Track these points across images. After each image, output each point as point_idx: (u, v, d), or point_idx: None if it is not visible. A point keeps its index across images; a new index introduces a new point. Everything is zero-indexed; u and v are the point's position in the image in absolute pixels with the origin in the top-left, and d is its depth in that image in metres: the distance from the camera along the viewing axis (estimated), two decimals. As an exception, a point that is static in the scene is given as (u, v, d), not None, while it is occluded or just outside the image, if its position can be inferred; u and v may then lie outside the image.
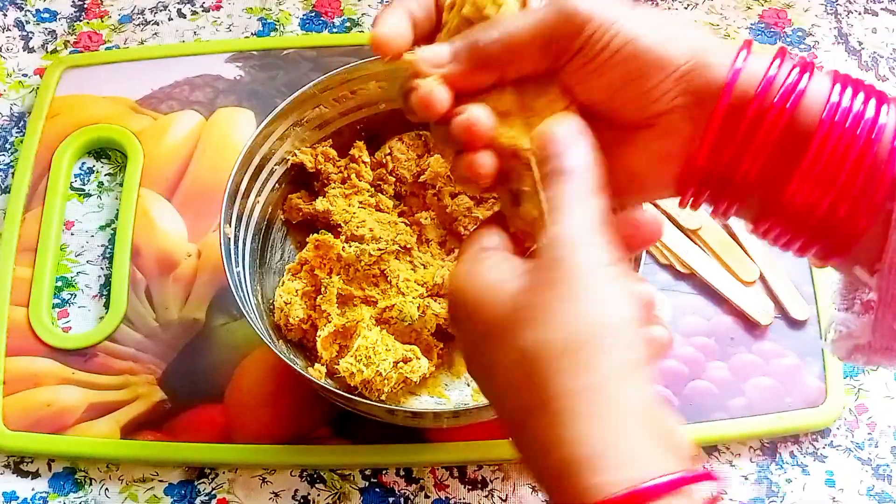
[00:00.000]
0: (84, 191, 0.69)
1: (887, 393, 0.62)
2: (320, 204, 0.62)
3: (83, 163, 0.70)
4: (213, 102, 0.71)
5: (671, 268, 0.64)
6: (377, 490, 0.58)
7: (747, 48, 0.37)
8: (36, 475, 0.59)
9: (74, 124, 0.70)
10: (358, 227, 0.60)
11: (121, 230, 0.66)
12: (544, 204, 0.36)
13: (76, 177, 0.69)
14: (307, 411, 0.59)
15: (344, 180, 0.63)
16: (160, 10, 0.77)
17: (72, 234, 0.67)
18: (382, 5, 0.77)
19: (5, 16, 0.77)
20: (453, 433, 0.58)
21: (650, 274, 0.64)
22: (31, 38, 0.76)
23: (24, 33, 0.76)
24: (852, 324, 0.39)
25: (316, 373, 0.57)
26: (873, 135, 0.35)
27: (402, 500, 0.58)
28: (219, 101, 0.71)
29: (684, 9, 0.77)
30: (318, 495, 0.58)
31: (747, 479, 0.59)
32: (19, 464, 0.59)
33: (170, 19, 0.76)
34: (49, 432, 0.59)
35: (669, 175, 0.39)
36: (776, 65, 0.36)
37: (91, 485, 0.59)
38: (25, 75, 0.74)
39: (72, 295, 0.65)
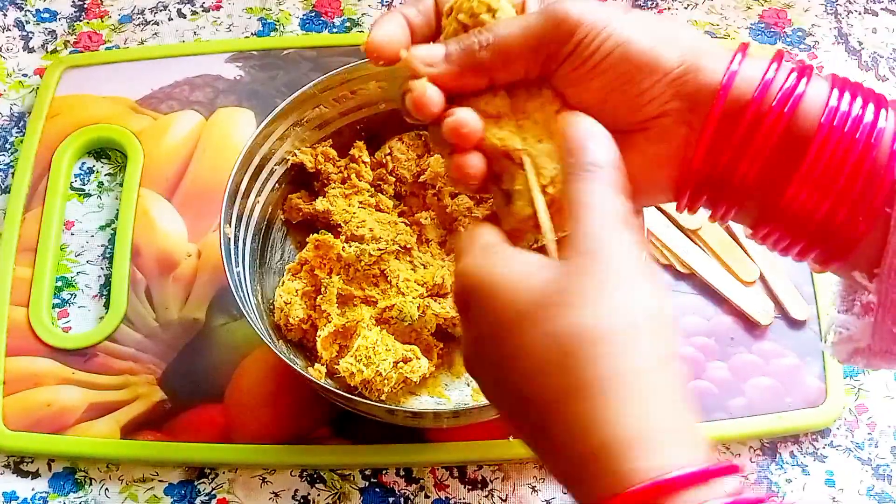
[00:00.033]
0: (84, 191, 0.69)
1: (887, 393, 0.62)
2: (320, 204, 0.62)
3: (83, 163, 0.70)
4: (213, 102, 0.71)
5: (671, 268, 0.64)
6: (377, 490, 0.58)
7: (743, 51, 0.37)
8: (36, 475, 0.59)
9: (74, 124, 0.70)
10: (358, 227, 0.60)
11: (121, 230, 0.66)
12: (538, 203, 0.37)
13: (76, 177, 0.69)
14: (307, 411, 0.59)
15: (344, 180, 0.63)
16: (160, 10, 0.77)
17: (72, 234, 0.67)
18: (383, 8, 0.77)
19: (5, 16, 0.77)
20: (453, 433, 0.58)
21: (650, 274, 0.64)
22: (31, 38, 0.76)
23: (24, 33, 0.76)
24: (852, 326, 0.39)
25: (316, 373, 0.57)
26: (872, 139, 0.35)
27: (402, 500, 0.58)
28: (219, 101, 0.71)
29: (684, 9, 0.77)
30: (318, 495, 0.58)
31: (747, 479, 0.59)
32: (19, 464, 0.59)
33: (170, 19, 0.76)
34: (49, 432, 0.59)
35: (666, 179, 0.39)
36: (773, 68, 0.36)
37: (91, 485, 0.59)
38: (25, 75, 0.74)
39: (72, 295, 0.65)
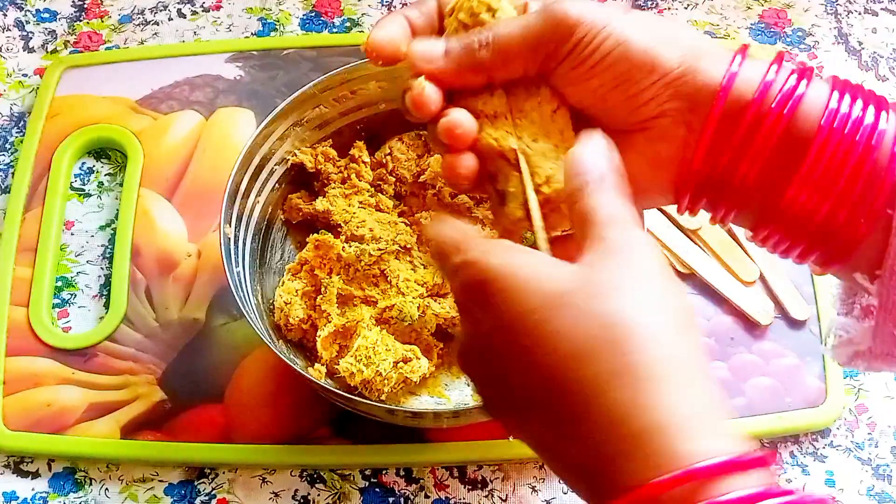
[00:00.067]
0: (84, 191, 0.69)
1: (887, 393, 0.62)
2: (320, 204, 0.62)
3: (83, 163, 0.70)
4: (213, 102, 0.71)
5: (671, 268, 0.64)
6: (377, 490, 0.58)
7: (742, 53, 0.37)
8: (36, 475, 0.59)
9: (74, 124, 0.70)
10: (358, 227, 0.60)
11: (121, 230, 0.66)
12: (531, 202, 0.37)
13: (76, 177, 0.69)
14: (307, 411, 0.59)
15: (344, 180, 0.63)
16: (160, 10, 0.77)
17: (72, 234, 0.67)
18: (383, 8, 0.77)
19: (5, 16, 0.77)
20: (453, 433, 0.58)
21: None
22: (31, 38, 0.76)
23: (24, 33, 0.76)
24: (852, 329, 0.39)
25: (316, 373, 0.57)
26: (873, 141, 0.35)
27: (402, 500, 0.58)
28: (219, 101, 0.71)
29: (684, 9, 0.77)
30: (318, 495, 0.58)
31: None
32: (19, 464, 0.59)
33: (170, 19, 0.76)
34: (49, 432, 0.59)
35: (666, 180, 0.39)
36: (773, 70, 0.36)
37: (91, 485, 0.59)
38: (25, 75, 0.74)
39: (72, 295, 0.65)
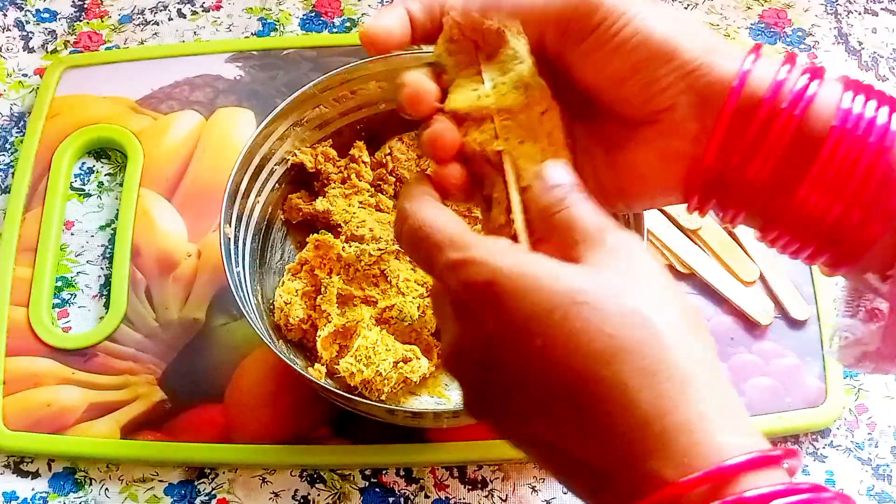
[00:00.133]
0: (84, 191, 0.69)
1: (887, 393, 0.62)
2: (320, 204, 0.62)
3: (83, 163, 0.70)
4: (213, 102, 0.71)
5: (671, 268, 0.64)
6: (377, 490, 0.58)
7: (756, 51, 0.37)
8: (36, 475, 0.59)
9: (74, 124, 0.70)
10: (358, 227, 0.60)
11: (121, 230, 0.66)
12: (515, 204, 0.37)
13: (76, 177, 0.69)
14: (307, 411, 0.59)
15: (344, 180, 0.63)
16: (160, 10, 0.77)
17: (72, 234, 0.67)
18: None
19: (5, 16, 0.77)
20: (453, 433, 0.58)
21: (650, 274, 0.64)
22: (31, 38, 0.76)
23: (24, 33, 0.76)
24: (858, 330, 0.39)
25: (316, 373, 0.57)
26: (886, 141, 0.34)
27: (402, 500, 0.58)
28: (219, 101, 0.71)
29: (684, 9, 0.77)
30: (318, 495, 0.58)
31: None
32: (19, 464, 0.59)
33: (170, 19, 0.76)
34: (49, 432, 0.59)
35: (676, 176, 0.38)
36: (786, 69, 0.36)
37: (91, 485, 0.59)
38: (25, 75, 0.74)
39: (72, 295, 0.65)
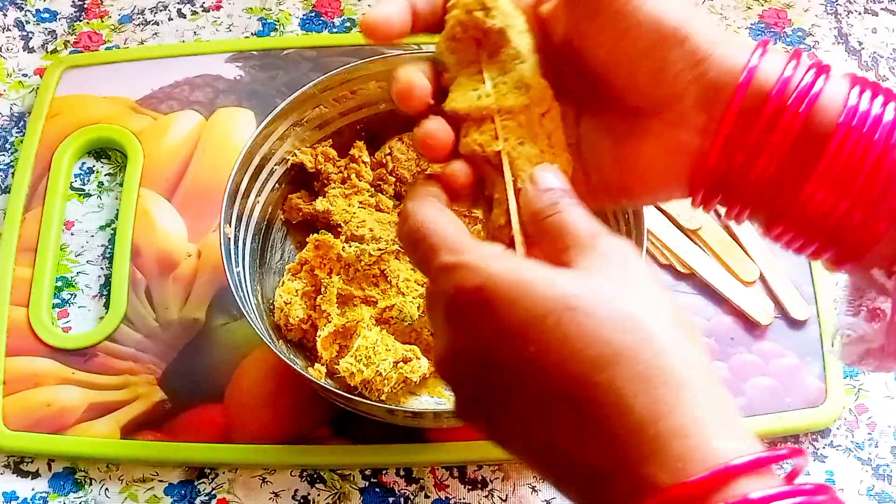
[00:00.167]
0: (84, 191, 0.69)
1: (887, 393, 0.62)
2: (320, 204, 0.62)
3: (83, 163, 0.70)
4: (213, 102, 0.71)
5: (671, 268, 0.64)
6: (377, 490, 0.58)
7: (763, 46, 0.37)
8: (36, 475, 0.59)
9: (74, 124, 0.70)
10: (358, 227, 0.60)
11: (121, 230, 0.66)
12: (512, 204, 0.37)
13: (76, 177, 0.69)
14: (307, 411, 0.59)
15: (344, 180, 0.63)
16: (160, 10, 0.77)
17: (72, 234, 0.67)
18: None
19: (5, 16, 0.77)
20: (453, 433, 0.58)
21: (650, 274, 0.64)
22: (31, 38, 0.76)
23: (24, 33, 0.76)
24: (860, 329, 0.38)
25: (316, 373, 0.57)
26: (893, 139, 0.34)
27: (402, 500, 0.58)
28: (219, 101, 0.71)
29: (684, 9, 0.77)
30: (318, 495, 0.58)
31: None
32: (19, 464, 0.59)
33: (170, 19, 0.76)
34: (49, 432, 0.59)
35: (681, 170, 0.38)
36: (792, 65, 0.36)
37: (91, 485, 0.59)
38: (25, 75, 0.74)
39: (72, 295, 0.65)
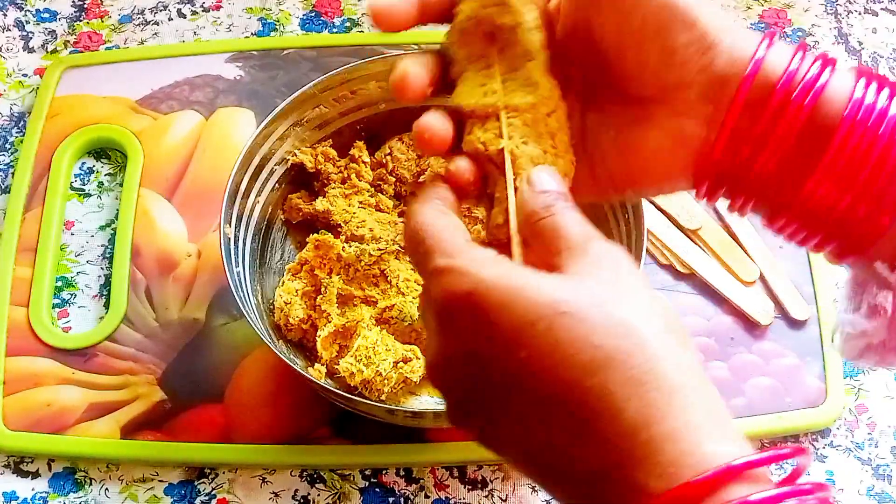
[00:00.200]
0: (84, 191, 0.69)
1: (887, 393, 0.62)
2: (320, 204, 0.62)
3: (83, 163, 0.70)
4: (213, 102, 0.71)
5: (671, 268, 0.64)
6: (377, 490, 0.58)
7: (770, 38, 0.37)
8: (36, 475, 0.59)
9: (74, 124, 0.70)
10: (358, 227, 0.60)
11: (121, 230, 0.66)
12: (511, 203, 0.37)
13: (76, 177, 0.69)
14: (307, 411, 0.59)
15: (344, 180, 0.63)
16: (160, 10, 0.77)
17: (72, 234, 0.67)
18: None
19: (5, 16, 0.77)
20: (453, 433, 0.58)
21: (650, 274, 0.64)
22: (31, 38, 0.76)
23: (24, 33, 0.76)
24: (861, 325, 0.38)
25: (316, 373, 0.57)
26: None
27: (402, 500, 0.58)
28: (219, 101, 0.71)
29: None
30: (318, 495, 0.58)
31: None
32: (19, 464, 0.59)
33: (170, 19, 0.76)
34: (49, 432, 0.59)
35: (686, 160, 0.38)
36: (798, 57, 0.36)
37: (91, 485, 0.59)
38: (25, 75, 0.74)
39: (72, 295, 0.65)
